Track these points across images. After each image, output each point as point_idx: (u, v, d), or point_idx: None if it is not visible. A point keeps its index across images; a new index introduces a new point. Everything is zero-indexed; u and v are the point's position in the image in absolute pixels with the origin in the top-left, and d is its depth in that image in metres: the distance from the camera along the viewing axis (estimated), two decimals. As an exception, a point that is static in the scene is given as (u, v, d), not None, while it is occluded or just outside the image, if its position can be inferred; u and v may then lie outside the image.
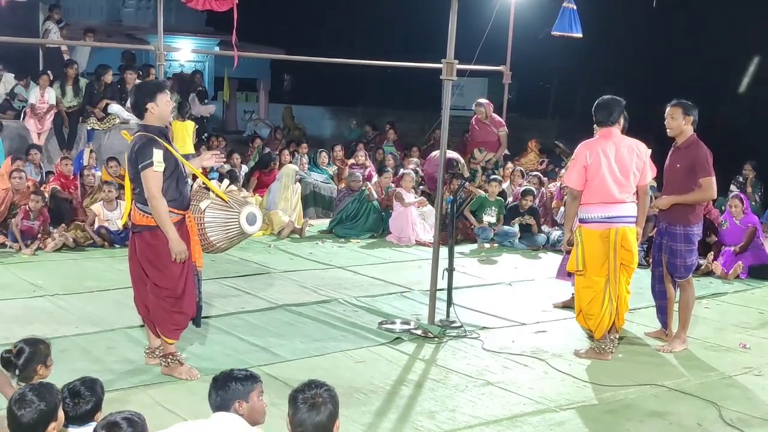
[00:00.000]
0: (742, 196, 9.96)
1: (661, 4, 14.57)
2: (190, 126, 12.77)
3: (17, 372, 3.93)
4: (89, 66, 15.70)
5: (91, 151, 11.68)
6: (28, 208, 9.32)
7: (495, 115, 12.90)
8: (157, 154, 5.13)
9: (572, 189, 6.17)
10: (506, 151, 13.11)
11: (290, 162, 12.56)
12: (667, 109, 6.41)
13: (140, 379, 5.37)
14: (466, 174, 11.77)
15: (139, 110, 5.32)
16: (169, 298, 5.36)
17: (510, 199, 11.82)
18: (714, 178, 6.29)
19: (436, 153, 11.05)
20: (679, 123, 6.34)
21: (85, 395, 3.45)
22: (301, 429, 2.97)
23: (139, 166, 5.15)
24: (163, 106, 5.30)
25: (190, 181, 5.64)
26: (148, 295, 5.42)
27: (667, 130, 6.43)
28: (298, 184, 11.75)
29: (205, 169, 7.66)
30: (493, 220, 11.01)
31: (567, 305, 7.39)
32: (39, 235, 9.31)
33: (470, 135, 12.95)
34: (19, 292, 7.51)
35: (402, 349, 6.25)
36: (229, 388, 3.38)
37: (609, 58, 19.05)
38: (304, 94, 26.54)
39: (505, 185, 12.29)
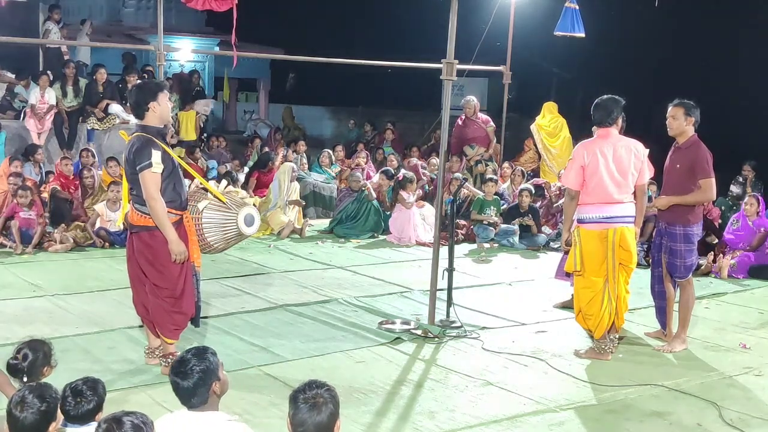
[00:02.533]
0: (760, 196, 9.74)
1: (663, 3, 14.56)
2: (192, 115, 14.15)
3: (24, 377, 3.89)
4: (91, 63, 15.72)
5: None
6: (17, 202, 9.36)
7: (481, 114, 13.00)
8: (156, 155, 5.12)
9: (570, 189, 6.17)
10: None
11: (291, 161, 12.59)
12: (669, 109, 6.40)
13: (140, 379, 5.37)
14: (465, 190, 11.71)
15: (140, 110, 5.29)
16: (168, 298, 5.36)
17: (509, 199, 11.82)
18: (713, 180, 6.28)
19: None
20: (681, 123, 6.33)
21: (87, 395, 3.44)
22: (301, 429, 2.97)
23: (138, 168, 5.13)
24: (164, 105, 5.31)
25: (187, 181, 5.63)
26: (147, 296, 5.42)
27: (668, 130, 6.42)
28: (296, 182, 11.74)
29: (201, 167, 7.67)
30: (493, 220, 11.02)
31: (566, 306, 7.38)
32: (42, 236, 9.32)
33: (456, 134, 12.94)
34: (19, 292, 7.52)
35: (402, 349, 6.25)
36: (202, 374, 3.27)
37: (609, 58, 19.03)
38: (304, 94, 26.53)
39: (505, 185, 12.29)
